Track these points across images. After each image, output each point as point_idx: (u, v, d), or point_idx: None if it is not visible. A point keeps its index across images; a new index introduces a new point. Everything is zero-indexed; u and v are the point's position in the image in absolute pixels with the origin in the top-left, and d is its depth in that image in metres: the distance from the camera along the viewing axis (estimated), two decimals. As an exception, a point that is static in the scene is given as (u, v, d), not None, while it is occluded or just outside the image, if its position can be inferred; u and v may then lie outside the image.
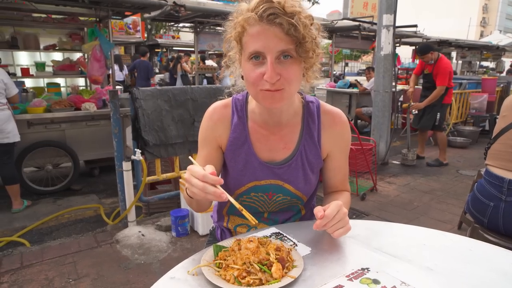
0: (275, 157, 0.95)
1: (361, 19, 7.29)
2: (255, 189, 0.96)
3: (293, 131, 0.95)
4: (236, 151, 0.95)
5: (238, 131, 0.95)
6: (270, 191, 0.96)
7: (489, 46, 12.39)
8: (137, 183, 2.80)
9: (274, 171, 0.95)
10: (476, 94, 6.30)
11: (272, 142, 0.95)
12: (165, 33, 16.79)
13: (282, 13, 0.74)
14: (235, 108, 0.96)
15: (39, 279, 2.13)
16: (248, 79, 0.81)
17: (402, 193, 3.68)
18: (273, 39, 0.75)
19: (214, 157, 0.96)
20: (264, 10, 0.74)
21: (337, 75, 13.93)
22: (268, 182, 0.95)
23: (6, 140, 3.03)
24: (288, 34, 0.74)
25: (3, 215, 3.18)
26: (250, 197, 0.98)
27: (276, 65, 0.77)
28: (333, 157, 0.99)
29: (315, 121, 0.96)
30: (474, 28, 43.87)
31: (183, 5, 4.59)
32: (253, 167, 0.95)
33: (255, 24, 0.76)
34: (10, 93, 3.05)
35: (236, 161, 0.95)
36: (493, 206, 1.58)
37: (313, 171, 0.97)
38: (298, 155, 0.95)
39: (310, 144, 0.95)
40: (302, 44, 0.76)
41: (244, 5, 0.79)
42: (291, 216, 1.04)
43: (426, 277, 0.72)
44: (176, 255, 2.42)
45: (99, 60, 3.92)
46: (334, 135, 0.97)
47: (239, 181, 0.96)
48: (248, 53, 0.79)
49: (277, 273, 0.70)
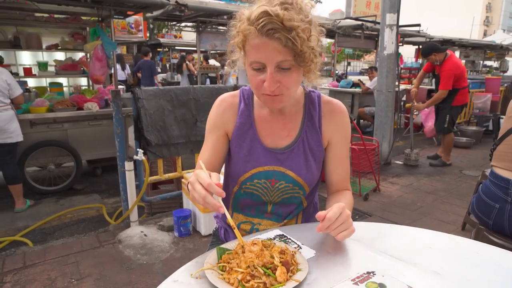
0: (278, 144, 0.99)
1: (364, 18, 7.27)
2: (258, 175, 0.99)
3: (296, 118, 1.00)
4: (242, 136, 1.00)
5: (244, 117, 1.01)
6: (273, 178, 0.99)
7: (493, 45, 12.33)
8: (139, 183, 2.80)
9: (277, 157, 0.98)
10: (479, 94, 6.27)
11: (276, 129, 1.00)
12: (167, 32, 16.82)
13: (281, 28, 0.77)
14: (242, 96, 1.03)
15: (42, 279, 2.13)
16: (251, 82, 0.88)
17: (405, 194, 3.66)
18: (272, 52, 0.80)
19: (220, 143, 1.01)
20: (264, 25, 0.78)
21: (339, 74, 13.88)
22: (271, 168, 0.98)
23: (9, 140, 3.03)
24: (287, 47, 0.78)
25: (6, 214, 3.19)
26: (253, 183, 1.00)
27: (276, 74, 0.82)
28: (334, 146, 1.02)
29: (316, 109, 1.01)
30: (478, 27, 43.67)
31: (185, 5, 4.59)
32: (257, 153, 0.99)
33: (255, 37, 0.80)
34: (13, 94, 3.04)
35: (241, 146, 1.00)
36: (498, 207, 1.56)
37: (314, 158, 1.00)
38: (300, 141, 0.99)
39: (311, 130, 1.00)
40: (300, 56, 0.80)
41: (245, 13, 0.83)
42: (293, 210, 1.04)
43: (433, 281, 0.71)
44: (178, 255, 2.41)
45: (101, 59, 3.92)
46: (334, 123, 1.01)
47: (243, 167, 0.99)
48: (249, 61, 0.85)
49: (281, 276, 0.69)
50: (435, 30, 11.52)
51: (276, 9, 0.77)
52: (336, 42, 7.96)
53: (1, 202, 3.42)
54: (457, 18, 40.68)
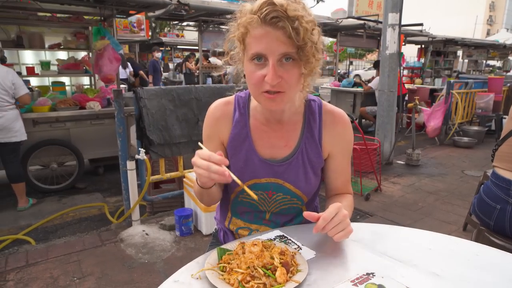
0: (276, 155, 0.95)
1: (366, 17, 7.25)
2: (255, 187, 0.96)
3: (295, 128, 0.96)
4: (237, 147, 0.96)
5: (239, 127, 0.96)
6: (270, 190, 0.96)
7: (496, 44, 12.27)
8: (141, 182, 2.81)
9: (274, 169, 0.95)
10: (482, 94, 6.24)
11: (273, 140, 0.95)
12: (169, 31, 16.82)
13: (285, 16, 0.74)
14: (237, 105, 0.98)
15: (44, 277, 2.14)
16: (250, 80, 0.82)
17: (406, 194, 3.65)
18: (275, 42, 0.76)
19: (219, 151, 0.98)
20: (267, 13, 0.75)
21: (341, 73, 13.86)
22: (268, 180, 0.96)
23: (14, 138, 3.06)
24: (290, 38, 0.75)
25: (9, 213, 3.21)
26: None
27: (278, 68, 0.78)
28: (335, 157, 0.99)
29: (316, 120, 0.96)
30: (481, 26, 43.42)
31: (187, 4, 4.59)
32: (253, 164, 0.95)
33: (258, 27, 0.77)
34: (18, 93, 3.05)
35: (237, 157, 0.96)
36: (499, 208, 1.56)
37: (314, 170, 0.97)
38: (298, 153, 0.95)
39: (311, 142, 0.96)
40: (303, 48, 0.77)
41: (247, 6, 0.80)
42: (292, 218, 1.03)
43: (432, 283, 0.72)
44: (179, 254, 2.42)
45: (113, 59, 3.93)
46: (335, 135, 0.97)
47: (240, 179, 0.96)
48: (250, 54, 0.80)
49: (281, 277, 0.69)
50: (438, 29, 11.49)
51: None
52: (338, 41, 7.94)
53: (4, 200, 3.45)
54: (460, 17, 40.45)
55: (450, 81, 5.95)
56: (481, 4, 45.89)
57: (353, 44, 9.06)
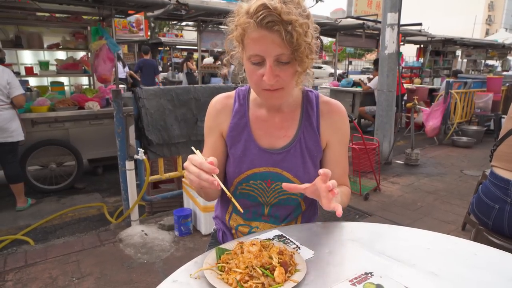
0: (275, 144, 0.98)
1: (365, 17, 7.26)
2: (254, 176, 0.98)
3: (293, 118, 0.99)
4: (236, 136, 0.99)
5: (238, 117, 1.00)
6: (268, 179, 0.98)
7: (495, 44, 12.29)
8: (140, 182, 2.81)
9: (273, 158, 0.97)
10: (481, 93, 6.24)
11: (272, 130, 0.99)
12: (168, 31, 16.82)
13: (279, 20, 0.78)
14: (238, 97, 1.02)
15: (43, 277, 2.14)
16: (250, 78, 0.88)
17: (405, 193, 3.66)
18: (271, 45, 0.80)
19: (219, 145, 1.01)
20: (263, 17, 0.78)
21: (340, 73, 13.87)
22: (266, 169, 0.98)
23: (10, 139, 3.03)
24: (285, 40, 0.79)
25: (7, 213, 3.20)
26: (249, 185, 0.99)
27: (275, 68, 0.83)
28: (332, 148, 1.01)
29: (314, 109, 1.00)
30: (480, 26, 43.48)
31: (186, 4, 4.59)
32: (252, 154, 0.97)
33: (254, 30, 0.81)
34: (12, 93, 2.98)
35: (236, 147, 0.99)
36: (498, 208, 1.56)
37: (312, 159, 0.98)
38: (297, 142, 0.97)
39: (309, 131, 0.98)
40: (297, 50, 0.81)
41: (244, 7, 0.83)
42: (291, 212, 1.04)
43: (430, 282, 0.72)
44: (178, 254, 2.42)
45: (109, 59, 3.92)
46: (332, 123, 1.00)
47: (238, 169, 0.99)
48: (248, 54, 0.85)
49: (279, 277, 0.69)
50: (437, 29, 11.51)
51: (275, 2, 0.78)
52: (337, 41, 7.95)
53: (3, 201, 3.44)
54: (459, 17, 40.50)
55: (449, 81, 5.96)
56: (480, 4, 45.97)
57: (352, 44, 9.07)
